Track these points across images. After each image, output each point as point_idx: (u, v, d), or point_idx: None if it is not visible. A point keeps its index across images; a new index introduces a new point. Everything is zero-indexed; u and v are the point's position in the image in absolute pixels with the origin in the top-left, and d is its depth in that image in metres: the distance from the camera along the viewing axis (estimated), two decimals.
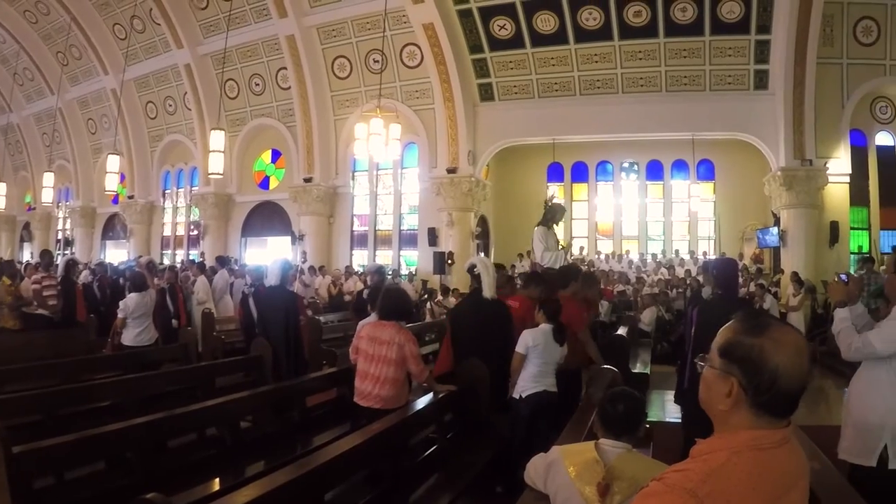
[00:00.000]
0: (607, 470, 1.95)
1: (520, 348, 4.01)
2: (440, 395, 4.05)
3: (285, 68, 15.61)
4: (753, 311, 1.28)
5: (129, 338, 6.27)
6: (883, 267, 12.51)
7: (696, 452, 1.05)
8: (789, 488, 1.03)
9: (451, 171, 14.13)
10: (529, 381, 3.99)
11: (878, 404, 2.65)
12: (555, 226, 6.13)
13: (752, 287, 11.00)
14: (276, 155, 16.91)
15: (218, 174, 11.62)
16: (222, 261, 11.62)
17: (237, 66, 16.35)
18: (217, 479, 3.35)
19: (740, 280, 11.67)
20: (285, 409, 4.74)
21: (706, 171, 15.26)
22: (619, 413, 2.12)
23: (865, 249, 13.24)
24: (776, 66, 13.11)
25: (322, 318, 9.49)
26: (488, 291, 4.64)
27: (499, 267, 5.42)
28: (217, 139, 10.69)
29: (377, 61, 14.46)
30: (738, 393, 1.04)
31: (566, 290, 4.99)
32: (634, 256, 14.62)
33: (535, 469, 2.21)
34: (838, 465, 2.91)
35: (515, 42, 13.87)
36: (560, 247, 6.26)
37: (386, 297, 4.07)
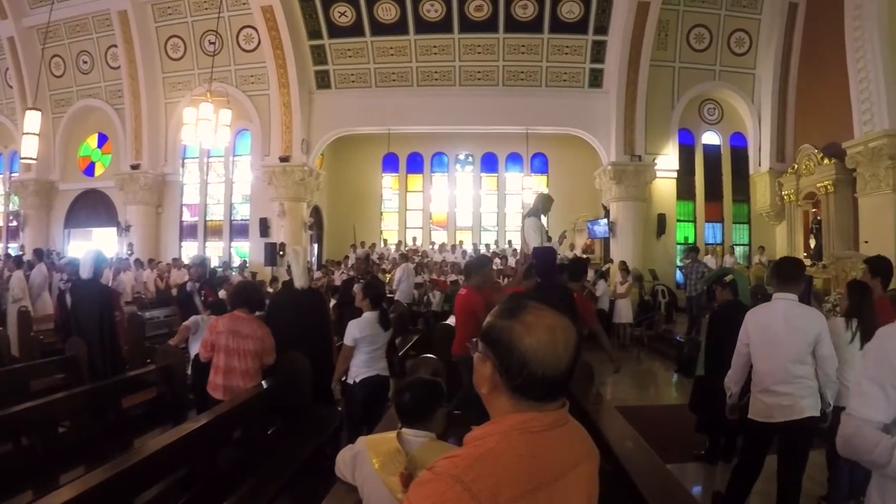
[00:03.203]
0: (409, 460, 1.98)
1: (348, 340, 4.16)
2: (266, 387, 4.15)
3: (116, 46, 15.23)
4: (518, 295, 1.22)
5: None
6: (708, 256, 13.53)
7: (469, 439, 1.05)
8: (566, 471, 1.04)
9: (284, 159, 14.15)
10: (362, 367, 4.17)
11: None
12: (543, 216, 6.18)
13: (591, 274, 11.53)
14: (102, 139, 16.36)
15: (31, 159, 11.05)
16: (40, 254, 11.09)
17: (64, 41, 15.82)
18: (30, 491, 3.26)
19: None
20: (104, 410, 4.64)
21: (540, 164, 16.19)
22: (406, 402, 2.19)
23: (691, 240, 14.29)
24: (611, 65, 14.10)
25: (147, 314, 9.31)
26: (299, 281, 4.78)
27: (486, 259, 5.40)
28: (32, 120, 10.15)
29: (212, 43, 14.32)
30: (495, 376, 1.05)
31: (576, 284, 5.09)
32: (468, 247, 15.13)
33: (343, 461, 2.24)
34: (659, 445, 3.09)
35: (355, 30, 14.18)
36: (548, 237, 6.29)
37: (241, 289, 4.35)
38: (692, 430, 5.02)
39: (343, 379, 4.29)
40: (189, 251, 15.16)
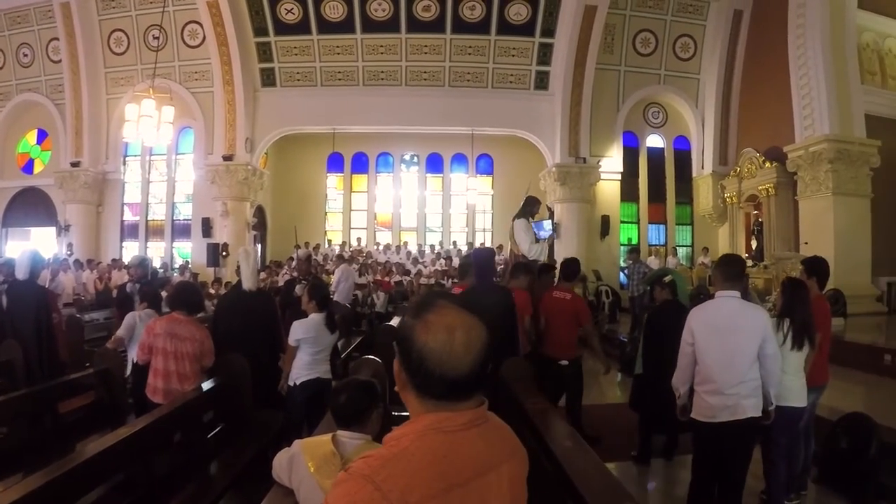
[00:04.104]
0: (344, 463, 1.95)
1: (291, 341, 4.14)
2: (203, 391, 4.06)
3: (57, 39, 14.89)
4: (433, 294, 1.21)
5: None
6: (651, 257, 13.77)
7: (386, 439, 1.05)
8: (483, 471, 1.04)
9: (228, 158, 13.99)
10: (303, 369, 4.12)
11: None
12: (531, 218, 6.27)
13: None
14: (41, 136, 15.99)
15: None
16: None
17: (5, 33, 15.44)
18: None
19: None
20: (41, 416, 4.48)
21: (485, 165, 16.34)
22: (341, 404, 2.18)
23: (635, 241, 14.53)
24: (557, 68, 14.26)
25: (86, 316, 9.10)
26: (248, 283, 4.73)
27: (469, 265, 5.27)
28: None
29: (156, 38, 14.16)
30: (401, 374, 1.07)
31: (571, 283, 5.25)
32: (413, 248, 15.11)
33: (280, 464, 2.20)
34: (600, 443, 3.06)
35: (302, 27, 14.11)
36: (535, 238, 6.37)
37: (180, 291, 4.27)
38: (635, 429, 5.03)
39: None
40: (130, 251, 14.86)
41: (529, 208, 6.25)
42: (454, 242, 15.55)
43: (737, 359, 3.08)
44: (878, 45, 12.45)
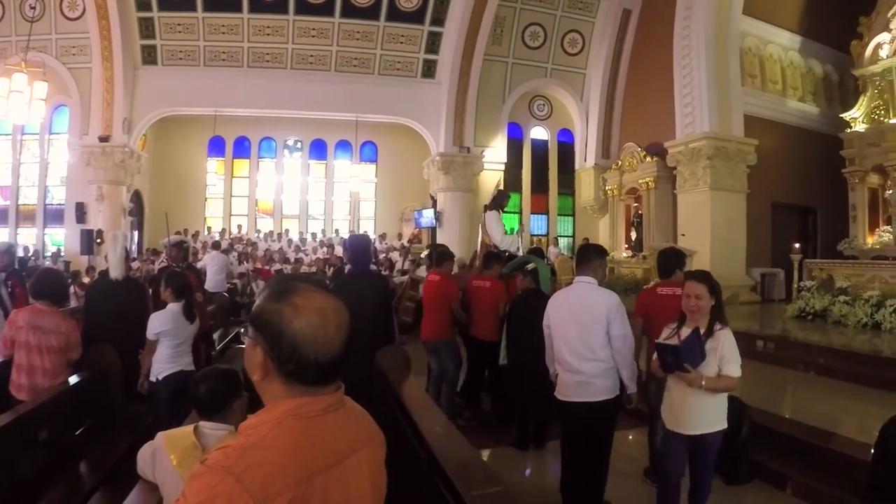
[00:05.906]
0: (206, 455, 1.70)
1: (149, 335, 3.96)
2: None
3: None
4: (287, 277, 1.15)
5: None
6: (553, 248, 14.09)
7: (242, 428, 1.02)
8: (343, 456, 1.03)
9: (104, 139, 13.44)
10: (165, 363, 3.95)
11: None
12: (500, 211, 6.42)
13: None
14: None
15: None
16: None
17: None
18: None
19: (400, 256, 12.53)
20: None
21: (370, 152, 16.35)
22: (201, 394, 2.14)
23: (517, 231, 14.80)
24: (445, 57, 14.38)
25: None
26: (115, 271, 4.56)
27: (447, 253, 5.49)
28: None
29: (33, 7, 13.46)
30: (266, 362, 1.02)
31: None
32: (294, 235, 15.01)
33: (143, 458, 2.12)
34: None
35: (187, 4, 13.59)
36: (505, 230, 6.59)
37: (41, 279, 4.02)
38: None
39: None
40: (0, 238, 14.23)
41: (499, 201, 6.66)
42: (336, 230, 15.47)
43: (584, 337, 3.26)
44: (759, 50, 13.05)
